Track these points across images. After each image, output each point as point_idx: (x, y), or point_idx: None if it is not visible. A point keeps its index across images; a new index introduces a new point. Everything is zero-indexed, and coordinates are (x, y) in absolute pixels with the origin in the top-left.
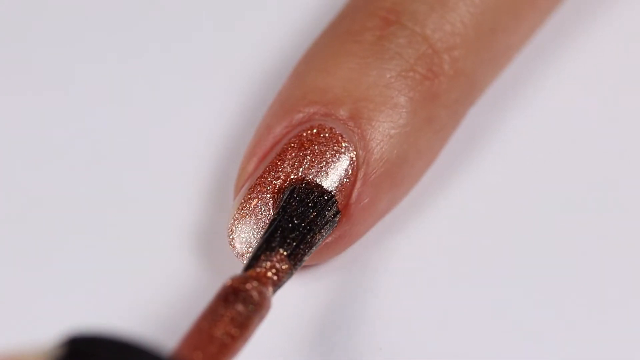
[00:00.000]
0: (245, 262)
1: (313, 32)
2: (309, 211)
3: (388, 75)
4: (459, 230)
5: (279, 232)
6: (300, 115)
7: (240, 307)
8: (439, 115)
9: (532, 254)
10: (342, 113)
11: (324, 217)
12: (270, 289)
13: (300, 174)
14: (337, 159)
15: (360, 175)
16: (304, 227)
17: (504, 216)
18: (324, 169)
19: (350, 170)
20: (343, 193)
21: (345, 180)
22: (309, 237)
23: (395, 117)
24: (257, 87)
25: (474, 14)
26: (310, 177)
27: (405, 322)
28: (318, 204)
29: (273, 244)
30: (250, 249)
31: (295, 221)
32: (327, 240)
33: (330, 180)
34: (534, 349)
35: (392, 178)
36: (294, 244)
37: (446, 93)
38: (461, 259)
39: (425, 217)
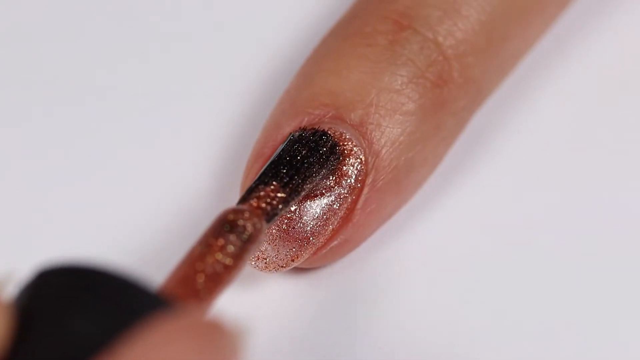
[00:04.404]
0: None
1: (316, 32)
2: (302, 148)
3: (400, 82)
4: (460, 230)
5: (272, 167)
6: (311, 117)
7: (232, 238)
8: (446, 123)
9: (533, 254)
10: (353, 118)
11: (318, 150)
12: (264, 220)
13: None
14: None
15: (369, 181)
16: (298, 160)
17: (505, 217)
18: None
19: (359, 176)
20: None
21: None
22: (303, 168)
23: (404, 124)
24: (260, 85)
25: (485, 22)
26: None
27: (405, 322)
28: (311, 141)
29: (266, 179)
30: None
31: (287, 158)
32: (332, 244)
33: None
34: (534, 349)
35: (399, 185)
36: (289, 175)
37: (454, 101)
38: (462, 260)
39: (425, 217)
